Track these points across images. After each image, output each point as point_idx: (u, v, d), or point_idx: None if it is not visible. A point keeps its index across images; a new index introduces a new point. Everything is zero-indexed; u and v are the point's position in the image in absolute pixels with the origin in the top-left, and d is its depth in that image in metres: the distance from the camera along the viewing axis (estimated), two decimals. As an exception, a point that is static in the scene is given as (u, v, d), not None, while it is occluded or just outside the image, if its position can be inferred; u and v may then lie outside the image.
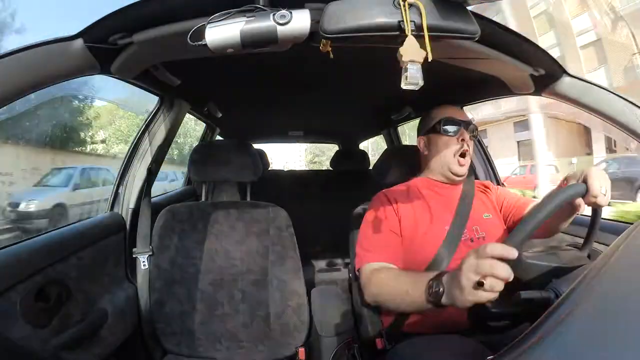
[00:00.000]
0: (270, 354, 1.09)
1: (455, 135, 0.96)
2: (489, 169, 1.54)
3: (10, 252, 0.78)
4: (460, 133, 0.96)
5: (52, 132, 7.40)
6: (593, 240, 0.70)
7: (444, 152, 0.97)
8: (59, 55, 0.63)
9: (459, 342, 0.78)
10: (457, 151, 0.95)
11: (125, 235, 1.17)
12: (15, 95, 0.57)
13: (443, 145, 0.97)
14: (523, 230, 0.58)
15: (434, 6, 0.55)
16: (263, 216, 1.13)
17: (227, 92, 1.45)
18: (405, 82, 0.53)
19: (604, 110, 0.82)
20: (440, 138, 0.98)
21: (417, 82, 0.53)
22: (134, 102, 9.33)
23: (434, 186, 1.01)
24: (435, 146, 0.99)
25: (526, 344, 0.30)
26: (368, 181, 1.95)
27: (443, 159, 0.97)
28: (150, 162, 1.21)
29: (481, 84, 1.13)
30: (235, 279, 1.10)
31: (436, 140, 0.99)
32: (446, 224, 0.91)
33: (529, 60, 0.83)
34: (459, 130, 0.96)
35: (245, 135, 2.64)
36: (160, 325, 1.10)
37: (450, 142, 0.96)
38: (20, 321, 0.74)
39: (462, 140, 0.95)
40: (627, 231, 0.45)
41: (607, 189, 0.65)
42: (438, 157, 0.98)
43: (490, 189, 1.05)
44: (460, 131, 0.96)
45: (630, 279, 0.33)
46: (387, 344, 0.90)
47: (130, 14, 0.65)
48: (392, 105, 1.72)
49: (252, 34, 0.58)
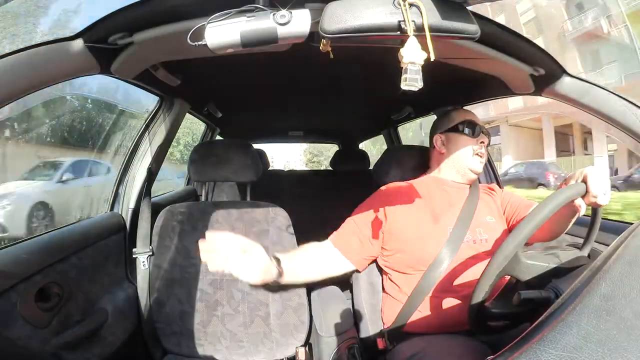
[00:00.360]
0: (270, 354, 1.09)
1: (477, 137, 1.00)
2: (490, 172, 1.55)
3: (10, 252, 0.78)
4: (482, 136, 1.00)
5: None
6: (593, 240, 0.70)
7: (464, 150, 0.99)
8: (59, 55, 0.63)
9: (459, 342, 0.78)
10: (476, 151, 0.99)
11: (125, 235, 1.17)
12: (15, 95, 0.57)
13: (463, 144, 1.00)
14: (523, 230, 0.58)
15: (434, 6, 0.54)
16: (263, 216, 1.12)
17: (227, 92, 1.45)
18: (404, 83, 0.53)
19: (603, 111, 0.82)
20: (461, 137, 1.01)
21: (417, 83, 0.53)
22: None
23: (443, 184, 1.01)
24: (455, 145, 1.01)
25: (526, 344, 0.30)
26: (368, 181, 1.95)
27: (463, 156, 1.00)
28: (150, 162, 1.21)
29: (481, 84, 1.13)
30: (235, 279, 1.10)
31: (456, 139, 1.01)
32: (449, 224, 0.91)
33: (529, 60, 0.83)
34: (481, 134, 1.00)
35: (245, 135, 2.64)
36: (160, 325, 1.10)
37: (471, 142, 0.99)
38: (20, 321, 0.75)
39: (482, 142, 1.00)
40: (627, 231, 0.45)
41: (606, 188, 0.65)
42: (457, 155, 1.01)
43: (495, 191, 1.05)
44: (482, 135, 1.00)
45: (630, 279, 0.33)
46: (388, 343, 0.91)
47: (130, 14, 0.65)
48: (392, 105, 1.72)
49: (252, 33, 0.58)
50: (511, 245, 0.59)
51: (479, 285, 0.62)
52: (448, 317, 0.85)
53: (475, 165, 0.99)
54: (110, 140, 4.72)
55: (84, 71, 0.70)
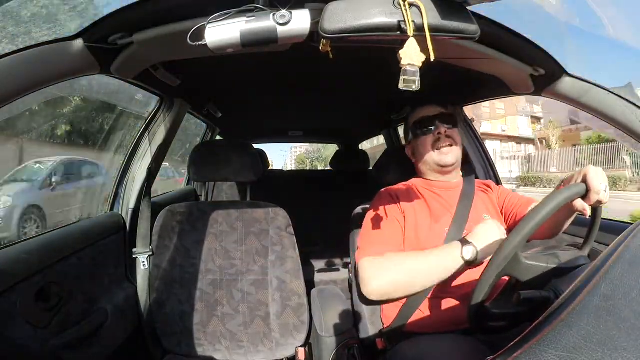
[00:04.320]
0: (270, 354, 1.09)
1: (431, 132, 0.98)
2: (488, 168, 1.54)
3: (11, 252, 0.78)
4: (436, 128, 0.97)
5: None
6: (593, 240, 0.70)
7: (426, 151, 0.99)
8: (59, 55, 0.63)
9: (459, 342, 0.78)
10: (435, 145, 0.97)
11: (125, 236, 1.17)
12: (15, 95, 0.57)
13: (423, 146, 0.99)
14: (522, 230, 0.58)
15: (434, 6, 0.54)
16: (263, 216, 1.13)
17: (227, 92, 1.45)
18: (402, 84, 0.54)
19: (604, 111, 0.82)
20: (419, 140, 1.00)
21: (414, 84, 0.53)
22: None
23: (431, 186, 1.01)
24: (417, 149, 1.02)
25: (526, 344, 0.30)
26: (368, 181, 1.95)
27: (427, 157, 0.99)
28: (150, 162, 1.21)
29: (481, 84, 1.13)
30: (235, 279, 1.10)
31: (416, 144, 1.02)
32: (446, 225, 0.91)
33: (529, 60, 0.83)
34: (434, 127, 0.98)
35: (245, 135, 2.64)
36: (160, 325, 1.10)
37: (428, 139, 0.98)
38: (20, 321, 0.75)
39: (439, 134, 0.97)
40: (627, 231, 0.45)
41: (606, 185, 0.65)
42: (422, 158, 1.00)
43: (492, 188, 1.05)
44: (436, 126, 0.98)
45: (630, 279, 0.33)
46: (387, 343, 0.90)
47: (130, 14, 0.65)
48: (392, 105, 1.73)
49: (252, 34, 0.58)
50: (510, 246, 0.59)
51: (478, 286, 0.62)
52: (448, 317, 0.85)
53: (440, 160, 0.97)
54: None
55: (84, 71, 0.70)
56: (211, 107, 1.60)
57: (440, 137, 0.96)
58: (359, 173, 2.42)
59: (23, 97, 0.59)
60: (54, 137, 5.34)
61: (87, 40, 0.66)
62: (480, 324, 0.64)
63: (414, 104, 1.67)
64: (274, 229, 1.11)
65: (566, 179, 0.73)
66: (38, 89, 0.62)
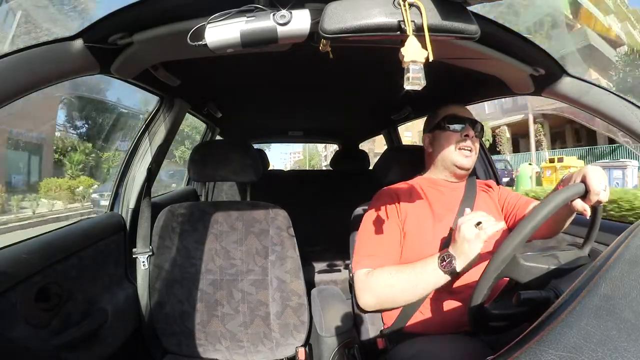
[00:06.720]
0: (270, 354, 1.09)
1: (460, 131, 0.96)
2: (488, 168, 1.55)
3: (11, 252, 0.78)
4: (465, 129, 0.96)
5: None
6: (593, 240, 0.70)
7: (448, 147, 0.97)
8: (59, 55, 0.63)
9: (459, 342, 0.78)
10: (458, 144, 0.96)
11: (125, 236, 1.17)
12: (15, 95, 0.57)
13: (446, 141, 0.97)
14: (521, 231, 0.58)
15: (434, 6, 0.54)
16: (263, 216, 1.12)
17: (227, 92, 1.45)
18: (407, 82, 0.53)
19: (603, 111, 0.82)
20: (443, 134, 0.98)
21: (420, 82, 0.53)
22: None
23: (436, 185, 1.00)
24: (439, 142, 0.99)
25: (526, 344, 0.30)
26: (368, 181, 1.95)
27: (447, 153, 0.97)
28: (150, 162, 1.21)
29: (481, 84, 1.13)
30: (235, 279, 1.10)
31: (440, 136, 0.99)
32: (448, 225, 0.91)
33: (529, 60, 0.83)
34: (464, 127, 0.97)
35: (245, 135, 2.64)
36: (160, 325, 1.10)
37: (454, 137, 0.96)
38: (20, 321, 0.74)
39: (466, 136, 0.96)
40: (627, 231, 0.45)
41: (605, 184, 0.65)
42: (442, 153, 0.98)
43: (493, 188, 1.05)
44: (465, 128, 0.96)
45: (630, 279, 0.33)
46: (388, 344, 0.90)
47: (130, 14, 0.65)
48: (392, 105, 1.72)
49: (252, 33, 0.58)
50: (509, 248, 0.58)
51: (477, 287, 0.62)
52: (448, 317, 0.85)
53: (459, 160, 0.95)
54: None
55: (84, 71, 0.70)
56: (211, 107, 1.60)
57: (466, 139, 0.96)
58: (359, 173, 2.42)
59: (23, 97, 0.59)
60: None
61: (87, 40, 0.66)
62: (480, 325, 0.64)
63: (414, 104, 1.69)
64: (274, 229, 1.11)
65: (565, 178, 0.73)
66: (38, 89, 0.62)
